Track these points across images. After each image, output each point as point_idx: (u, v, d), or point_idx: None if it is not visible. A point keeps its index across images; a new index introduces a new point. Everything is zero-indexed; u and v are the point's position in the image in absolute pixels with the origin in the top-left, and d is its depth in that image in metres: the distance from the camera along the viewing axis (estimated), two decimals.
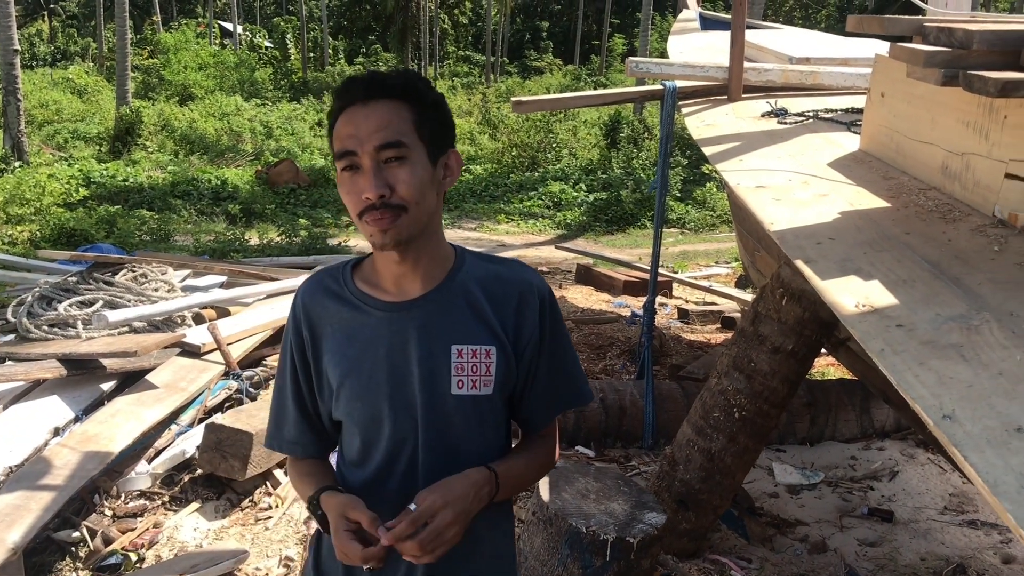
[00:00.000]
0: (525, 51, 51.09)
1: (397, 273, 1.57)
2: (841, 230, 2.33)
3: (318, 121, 26.48)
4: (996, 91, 1.88)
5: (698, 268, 11.19)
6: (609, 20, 45.80)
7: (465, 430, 1.59)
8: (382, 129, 1.45)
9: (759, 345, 3.43)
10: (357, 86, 1.48)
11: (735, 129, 3.66)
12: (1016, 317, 1.69)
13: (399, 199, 1.46)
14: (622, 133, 19.98)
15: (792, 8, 42.34)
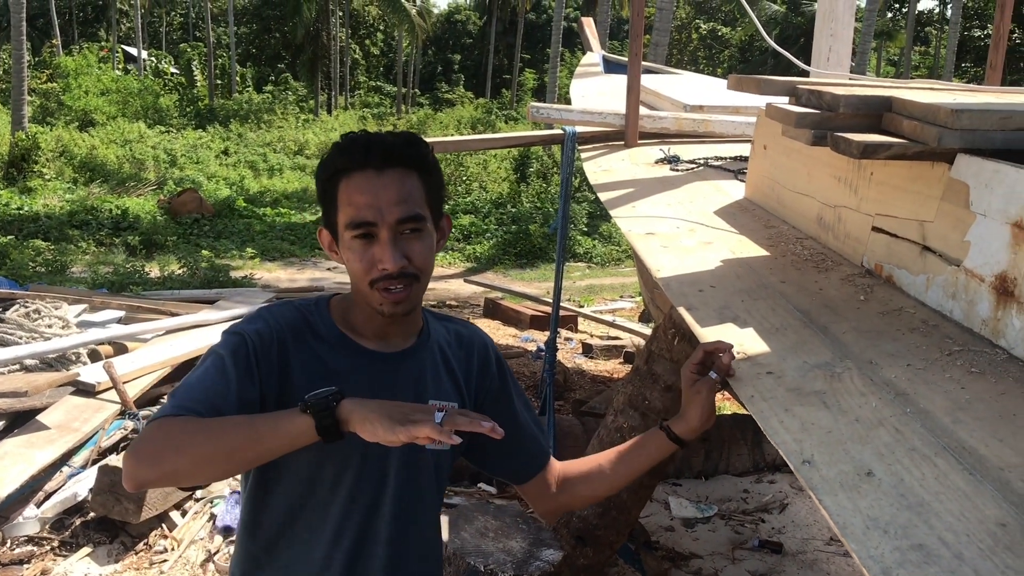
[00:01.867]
0: (437, 83, 51.41)
1: (382, 328, 1.60)
2: (722, 277, 2.46)
3: (224, 150, 26.09)
4: (858, 153, 2.03)
5: (603, 302, 11.41)
6: (520, 55, 46.47)
7: (427, 483, 1.65)
8: (403, 202, 1.48)
9: (653, 383, 3.54)
10: (372, 153, 1.48)
11: (630, 175, 3.80)
12: (875, 365, 1.82)
13: (415, 269, 1.50)
14: (531, 168, 20.29)
15: (697, 48, 43.76)
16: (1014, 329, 1.80)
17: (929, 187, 2.13)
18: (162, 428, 1.35)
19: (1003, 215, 1.85)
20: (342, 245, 1.52)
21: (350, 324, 1.60)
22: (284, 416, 1.33)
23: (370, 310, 1.56)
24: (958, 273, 1.99)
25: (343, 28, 44.07)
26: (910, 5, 35.78)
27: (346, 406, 1.31)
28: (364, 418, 1.28)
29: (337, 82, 41.90)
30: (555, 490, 1.83)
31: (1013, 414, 1.56)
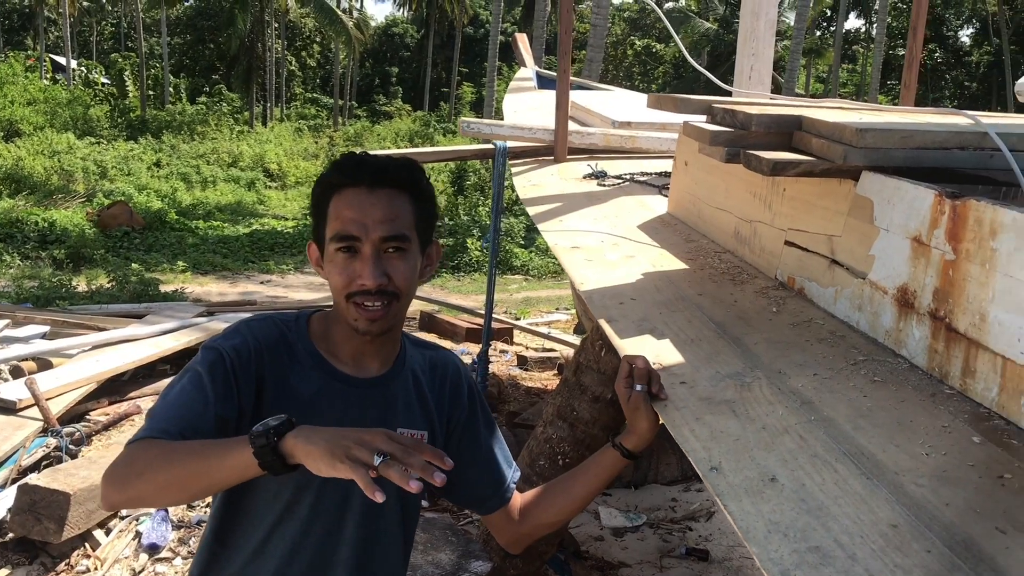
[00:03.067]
0: (374, 95, 51.28)
1: (360, 350, 1.61)
2: (643, 290, 2.51)
3: (156, 161, 25.64)
4: (769, 170, 2.10)
5: (540, 314, 11.48)
6: (458, 68, 46.61)
7: (391, 509, 1.65)
8: (388, 221, 1.50)
9: (581, 394, 3.60)
10: (364, 171, 1.51)
11: (559, 190, 3.86)
12: (783, 374, 1.88)
13: (395, 288, 1.52)
14: (468, 181, 20.33)
15: (632, 64, 44.37)
16: (914, 339, 1.88)
17: (837, 203, 2.21)
18: (132, 452, 1.37)
19: (904, 230, 1.93)
20: (326, 258, 1.54)
21: (328, 344, 1.61)
22: (233, 448, 1.30)
23: (348, 328, 1.57)
24: (864, 285, 2.07)
25: (279, 39, 43.69)
26: (837, 24, 36.83)
27: (289, 440, 1.26)
28: (307, 452, 1.25)
29: (273, 93, 41.51)
30: (517, 520, 1.85)
31: (910, 420, 1.64)
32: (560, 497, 1.84)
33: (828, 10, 42.93)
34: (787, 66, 27.64)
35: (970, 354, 1.70)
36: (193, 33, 46.36)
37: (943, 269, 1.79)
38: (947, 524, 1.31)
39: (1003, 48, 37.71)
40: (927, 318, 1.84)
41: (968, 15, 43.07)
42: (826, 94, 40.22)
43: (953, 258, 1.76)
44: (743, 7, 4.16)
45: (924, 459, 1.50)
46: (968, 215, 1.72)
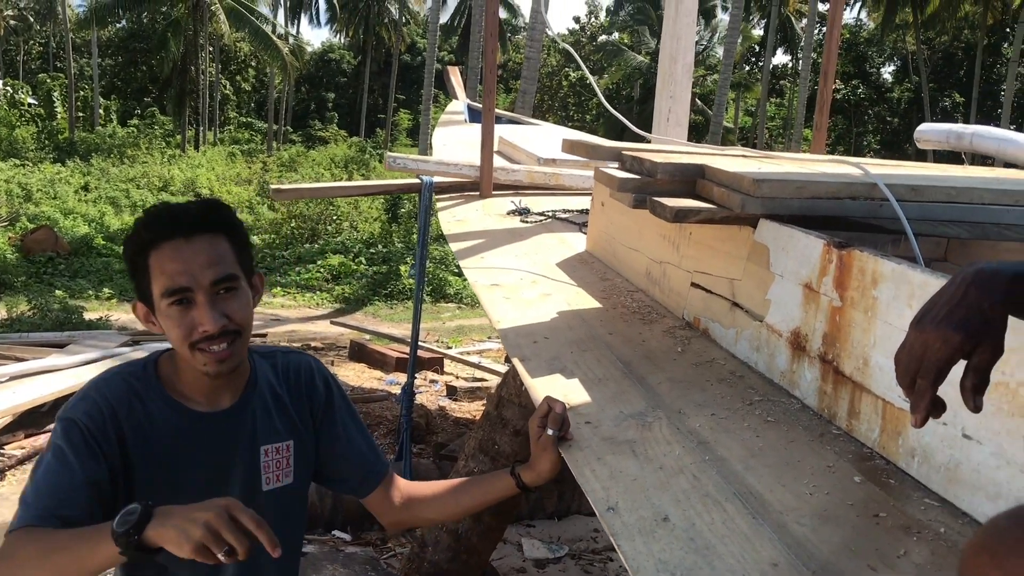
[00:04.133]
0: (310, 120, 50.93)
1: (211, 387, 1.65)
2: (556, 329, 2.58)
3: (84, 185, 25.08)
4: (672, 217, 2.19)
5: (472, 343, 11.51)
6: (395, 95, 46.65)
7: (275, 521, 1.66)
8: (214, 265, 1.54)
9: (502, 428, 3.65)
10: (177, 222, 1.54)
11: (482, 225, 3.93)
12: (683, 414, 1.96)
13: (236, 325, 1.56)
14: (403, 208, 20.32)
15: (567, 95, 44.93)
16: (806, 380, 1.98)
17: (737, 248, 2.31)
18: (12, 545, 1.40)
19: (796, 276, 2.03)
20: (159, 314, 1.56)
21: (179, 384, 1.65)
22: (100, 543, 1.32)
23: (195, 371, 1.61)
24: (761, 328, 2.17)
25: (213, 63, 43.24)
26: (765, 59, 37.90)
27: (149, 531, 1.30)
28: (163, 539, 1.29)
29: (206, 117, 40.97)
30: (398, 504, 1.92)
31: (798, 460, 1.72)
32: (448, 502, 1.93)
33: (756, 46, 44.15)
34: (716, 100, 28.30)
35: (855, 396, 1.80)
36: (125, 55, 45.57)
37: (831, 315, 1.89)
38: (824, 562, 1.39)
39: (922, 86, 39.18)
40: (817, 361, 1.93)
41: (890, 53, 44.67)
42: (754, 127, 41.27)
43: (840, 305, 1.86)
44: (661, 52, 4.30)
45: (808, 498, 1.58)
46: (853, 264, 1.83)
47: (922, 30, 38.07)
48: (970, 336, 1.03)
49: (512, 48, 48.29)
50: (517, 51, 46.32)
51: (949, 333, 1.03)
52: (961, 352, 1.04)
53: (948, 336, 1.03)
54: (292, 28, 48.37)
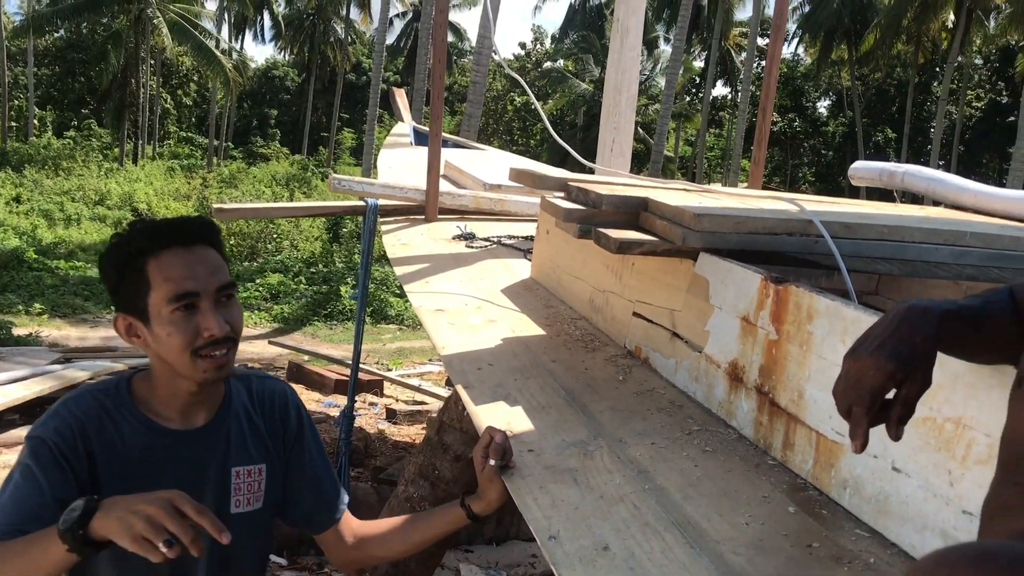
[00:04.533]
0: (252, 137, 50.37)
1: (188, 403, 1.64)
2: (500, 356, 2.60)
3: (15, 196, 24.44)
4: (615, 248, 2.24)
5: (412, 366, 11.46)
6: (339, 114, 46.44)
7: (242, 545, 1.66)
8: (217, 272, 1.59)
9: (443, 453, 3.64)
10: (177, 231, 1.58)
11: (428, 250, 3.94)
12: (624, 443, 1.99)
13: (234, 333, 1.59)
14: (345, 228, 20.20)
15: (512, 119, 45.22)
16: (743, 411, 2.03)
17: (678, 280, 2.36)
18: None
19: (735, 309, 2.09)
20: (157, 322, 1.56)
21: (153, 403, 1.65)
22: (50, 543, 1.33)
23: (181, 384, 1.61)
24: (700, 359, 2.22)
25: (154, 76, 42.58)
26: (705, 91, 38.67)
27: (94, 523, 1.31)
28: (108, 530, 1.30)
29: (145, 131, 40.25)
30: (351, 544, 1.93)
31: (735, 490, 1.76)
32: (400, 539, 1.93)
33: (697, 77, 45.02)
34: (657, 129, 28.77)
35: (790, 428, 1.85)
36: (63, 65, 44.58)
37: (767, 348, 1.94)
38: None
39: (856, 121, 40.34)
40: (754, 392, 1.98)
41: (825, 88, 45.92)
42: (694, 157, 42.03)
43: (776, 338, 1.92)
44: (606, 83, 4.38)
45: (744, 528, 1.62)
46: (789, 299, 1.89)
47: (856, 67, 39.27)
48: (902, 365, 1.08)
49: (458, 71, 48.51)
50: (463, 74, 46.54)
51: (882, 361, 1.08)
52: (893, 380, 1.08)
53: (881, 364, 1.08)
54: (236, 44, 47.88)
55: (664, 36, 42.35)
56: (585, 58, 39.25)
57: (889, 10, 33.50)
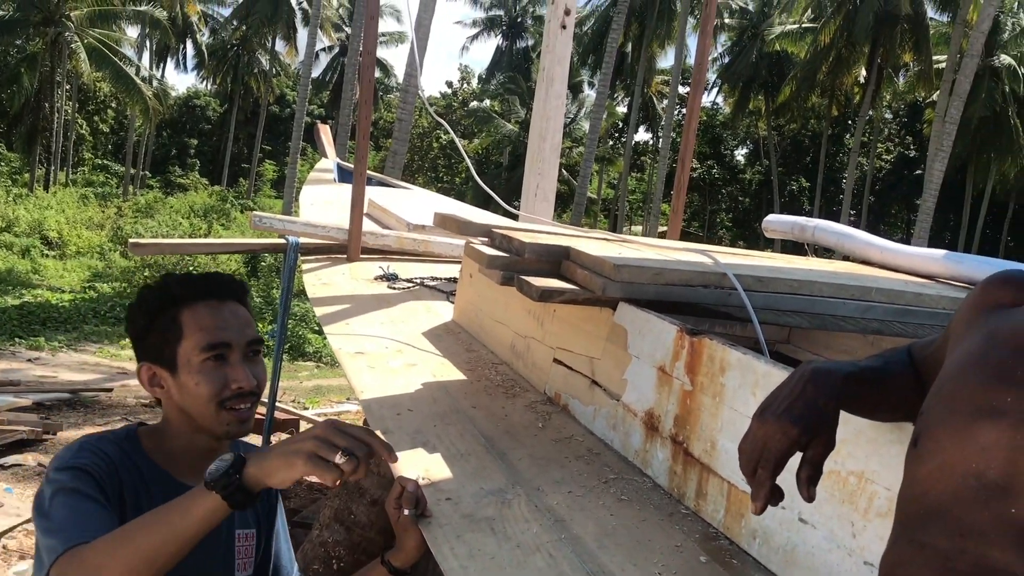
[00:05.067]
0: (170, 166, 49.42)
1: (201, 459, 1.57)
2: (420, 401, 2.60)
3: None
4: (537, 296, 2.27)
5: (330, 404, 11.30)
6: (261, 145, 45.95)
7: None
8: (248, 326, 1.63)
9: (359, 497, 3.60)
10: (213, 285, 1.62)
11: (349, 290, 3.92)
12: (541, 491, 2.01)
13: (260, 388, 1.63)
14: (264, 262, 19.91)
15: (437, 156, 45.40)
16: (658, 460, 2.07)
17: (598, 328, 2.41)
18: (78, 557, 1.32)
19: (652, 359, 2.13)
20: (186, 371, 1.57)
21: (165, 458, 1.63)
22: (194, 501, 1.33)
23: (199, 439, 1.61)
24: (618, 407, 2.25)
25: (70, 101, 41.51)
26: (628, 136, 39.48)
27: (249, 471, 1.33)
28: (266, 472, 1.32)
29: (59, 156, 39.12)
30: None
31: (649, 539, 1.79)
32: None
33: (620, 122, 45.98)
34: (580, 171, 29.23)
35: (703, 478, 1.90)
36: None
37: (682, 398, 1.99)
38: None
39: (772, 169, 41.66)
40: (669, 442, 2.03)
41: (743, 137, 47.37)
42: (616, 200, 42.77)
43: (690, 389, 1.96)
44: (531, 130, 4.46)
45: None
46: (703, 351, 1.94)
47: (773, 117, 40.65)
48: (807, 429, 1.12)
49: (384, 107, 48.56)
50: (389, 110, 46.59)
51: (788, 426, 1.12)
52: (798, 444, 1.13)
53: (787, 429, 1.12)
54: (157, 72, 47.02)
55: (589, 81, 43.25)
56: (511, 99, 39.75)
57: (804, 64, 34.86)
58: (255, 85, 46.71)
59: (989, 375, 1.00)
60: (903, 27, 31.85)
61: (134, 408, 9.61)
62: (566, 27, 4.29)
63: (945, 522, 0.96)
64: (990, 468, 0.93)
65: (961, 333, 1.16)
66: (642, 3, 36.07)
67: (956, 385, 1.05)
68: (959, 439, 0.98)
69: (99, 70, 35.48)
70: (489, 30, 49.27)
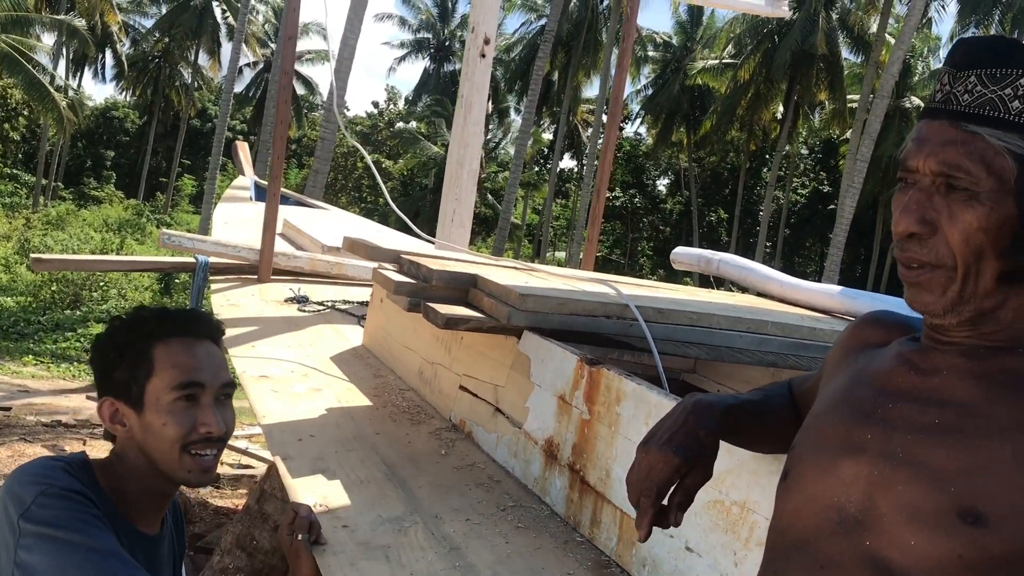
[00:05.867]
0: (85, 177, 47.96)
1: (156, 505, 1.53)
2: (323, 427, 2.58)
3: None
4: (442, 324, 2.28)
5: (241, 427, 11.05)
6: (180, 159, 44.99)
7: None
8: (223, 369, 1.54)
9: (262, 523, 3.53)
10: (190, 321, 1.53)
11: (257, 312, 3.87)
12: (439, 519, 2.01)
13: (228, 434, 1.52)
14: (178, 279, 19.45)
15: (361, 176, 45.04)
16: (556, 488, 2.09)
17: (503, 356, 2.43)
18: None
19: (553, 388, 2.16)
20: (153, 410, 1.46)
21: (119, 499, 1.49)
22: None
23: (156, 484, 1.50)
24: (519, 435, 2.27)
25: None
26: (553, 162, 39.87)
27: None
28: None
29: None
30: None
31: (542, 567, 1.81)
32: None
33: (546, 148, 46.42)
34: (505, 196, 29.39)
35: (597, 506, 1.93)
36: None
37: (581, 427, 2.02)
38: None
39: (692, 200, 42.53)
40: (567, 470, 2.05)
41: (665, 167, 48.27)
42: (540, 225, 43.08)
43: (588, 418, 2.00)
44: (449, 156, 4.47)
45: None
46: (601, 381, 1.98)
47: (694, 149, 41.56)
48: (687, 459, 1.16)
49: (308, 124, 48.07)
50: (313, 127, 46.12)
51: (670, 455, 1.15)
52: (679, 473, 1.16)
53: (669, 458, 1.15)
54: (74, 81, 45.71)
55: (516, 107, 43.56)
56: (438, 122, 39.77)
57: (725, 99, 35.75)
58: (176, 98, 45.74)
59: (853, 413, 1.05)
60: (819, 66, 32.96)
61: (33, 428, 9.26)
62: (485, 55, 4.34)
63: (806, 554, 1.00)
64: (850, 502, 0.98)
65: (832, 371, 1.21)
66: (569, 33, 36.60)
67: (823, 422, 1.10)
68: (823, 474, 1.03)
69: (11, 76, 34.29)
70: (417, 52, 49.28)
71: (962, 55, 0.99)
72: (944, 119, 0.98)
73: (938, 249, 0.97)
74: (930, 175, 0.97)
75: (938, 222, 0.96)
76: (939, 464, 0.93)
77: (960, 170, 0.94)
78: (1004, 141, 0.93)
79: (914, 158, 0.99)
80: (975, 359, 0.99)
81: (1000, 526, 0.87)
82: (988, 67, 0.96)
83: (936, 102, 1.00)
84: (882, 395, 1.04)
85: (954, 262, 0.96)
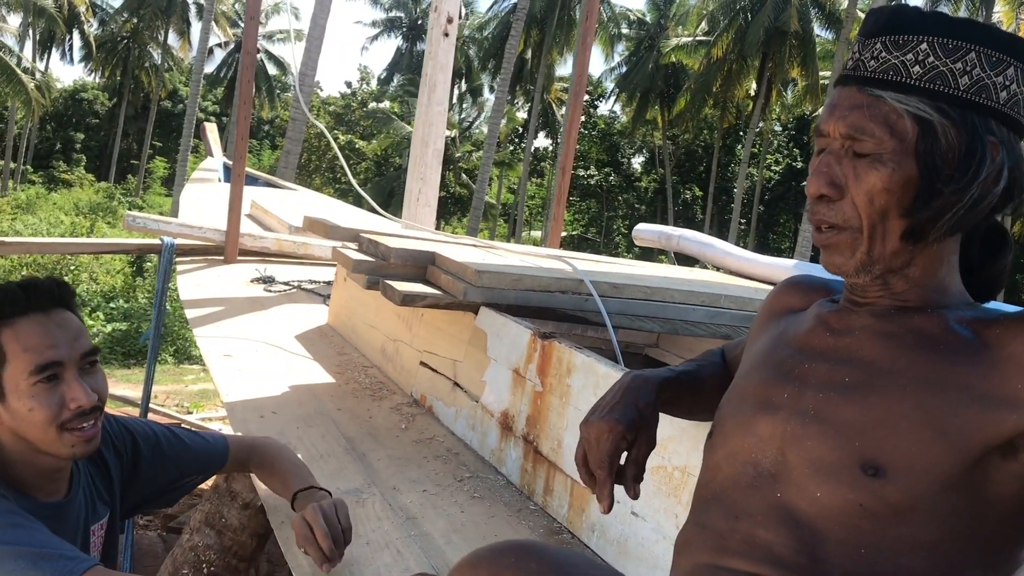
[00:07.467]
0: (54, 160, 47.33)
1: (49, 475, 1.51)
2: (285, 403, 2.61)
3: None
4: (400, 301, 2.32)
5: (215, 408, 11.04)
6: (151, 141, 44.52)
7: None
8: (80, 336, 1.46)
9: (231, 501, 3.55)
10: (34, 297, 1.44)
11: (224, 292, 3.88)
12: (397, 491, 2.05)
13: (101, 401, 1.48)
14: (149, 262, 19.31)
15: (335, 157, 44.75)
16: (511, 459, 2.14)
17: (462, 331, 2.47)
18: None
19: (508, 362, 2.21)
20: (15, 397, 1.42)
21: (14, 479, 1.49)
22: None
23: (44, 460, 1.48)
24: (477, 408, 2.32)
25: None
26: (528, 142, 39.82)
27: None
28: None
29: None
30: None
31: (495, 535, 1.86)
32: None
33: (520, 127, 46.31)
34: (479, 176, 29.35)
35: (550, 475, 1.98)
36: None
37: (534, 399, 2.07)
38: None
39: (666, 178, 42.66)
40: (521, 441, 2.10)
41: (640, 145, 48.34)
42: (516, 204, 43.07)
43: (541, 390, 2.05)
44: (414, 136, 4.50)
45: None
46: (552, 354, 2.02)
47: (668, 127, 41.63)
48: (629, 426, 1.20)
49: (281, 105, 47.66)
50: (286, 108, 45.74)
51: (612, 423, 1.20)
52: (624, 440, 1.20)
53: (612, 425, 1.20)
54: (41, 63, 45.04)
55: (489, 85, 43.39)
56: (411, 101, 39.54)
57: (699, 76, 35.78)
58: (146, 79, 45.17)
59: (771, 373, 1.10)
60: (791, 43, 33.05)
61: None
62: (448, 34, 4.35)
63: (724, 505, 1.05)
64: (765, 457, 1.03)
65: (756, 334, 1.27)
66: (542, 10, 36.47)
67: (745, 382, 1.15)
68: (742, 431, 1.08)
69: None
70: (389, 31, 48.90)
71: (871, 23, 1.04)
72: (853, 85, 1.03)
73: (845, 211, 1.01)
74: (839, 139, 1.02)
75: (845, 184, 1.01)
76: (845, 420, 0.98)
77: (864, 132, 0.99)
78: (905, 104, 0.98)
79: (825, 123, 1.04)
80: (886, 319, 1.04)
81: (898, 477, 0.93)
82: (892, 34, 1.01)
83: (847, 69, 1.05)
84: (799, 355, 1.09)
85: (860, 223, 1.01)
